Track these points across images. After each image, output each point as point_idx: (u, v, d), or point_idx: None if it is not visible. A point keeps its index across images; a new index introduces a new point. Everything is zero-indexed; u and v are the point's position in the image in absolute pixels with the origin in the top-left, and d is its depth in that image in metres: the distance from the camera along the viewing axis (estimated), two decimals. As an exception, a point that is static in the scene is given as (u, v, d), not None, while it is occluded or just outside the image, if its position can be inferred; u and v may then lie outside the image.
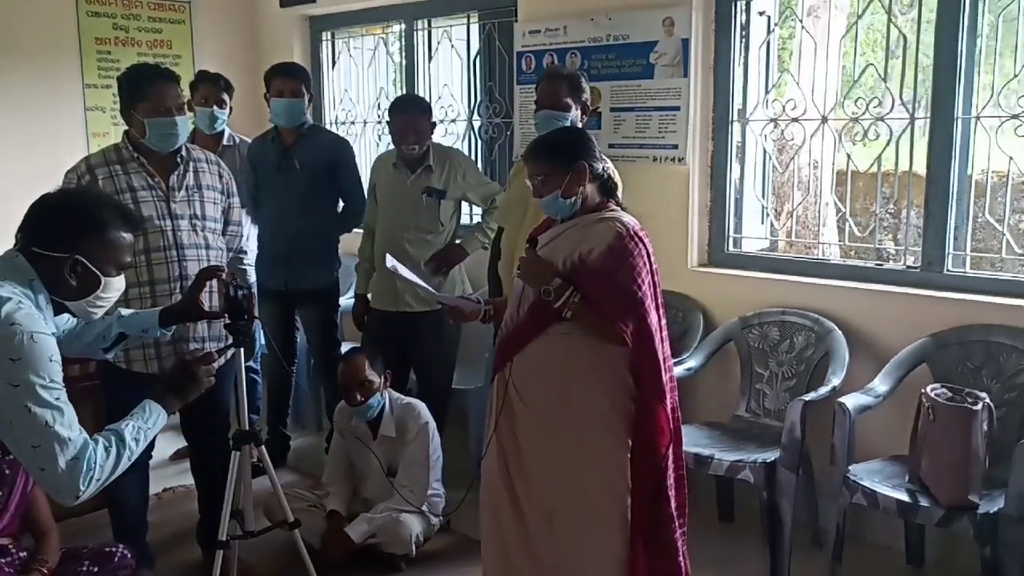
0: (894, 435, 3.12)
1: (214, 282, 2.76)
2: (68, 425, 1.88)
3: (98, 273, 2.05)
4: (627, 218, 2.50)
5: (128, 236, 2.11)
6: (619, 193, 2.61)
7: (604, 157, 2.56)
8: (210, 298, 2.78)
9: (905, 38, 3.40)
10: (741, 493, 3.58)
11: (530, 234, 2.64)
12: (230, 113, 4.20)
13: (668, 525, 2.48)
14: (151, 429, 2.07)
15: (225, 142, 4.19)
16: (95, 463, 1.90)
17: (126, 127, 3.00)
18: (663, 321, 2.53)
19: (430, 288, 2.89)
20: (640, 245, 2.44)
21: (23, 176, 4.46)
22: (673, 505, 2.49)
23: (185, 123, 2.98)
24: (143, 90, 2.90)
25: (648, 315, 2.41)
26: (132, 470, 2.07)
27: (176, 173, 3.00)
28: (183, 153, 3.03)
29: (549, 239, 2.53)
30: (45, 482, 1.91)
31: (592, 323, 2.42)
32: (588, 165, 2.47)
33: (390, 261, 2.89)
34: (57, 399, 1.88)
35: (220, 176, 3.15)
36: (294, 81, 3.96)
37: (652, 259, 2.48)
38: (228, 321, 2.59)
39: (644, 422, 2.44)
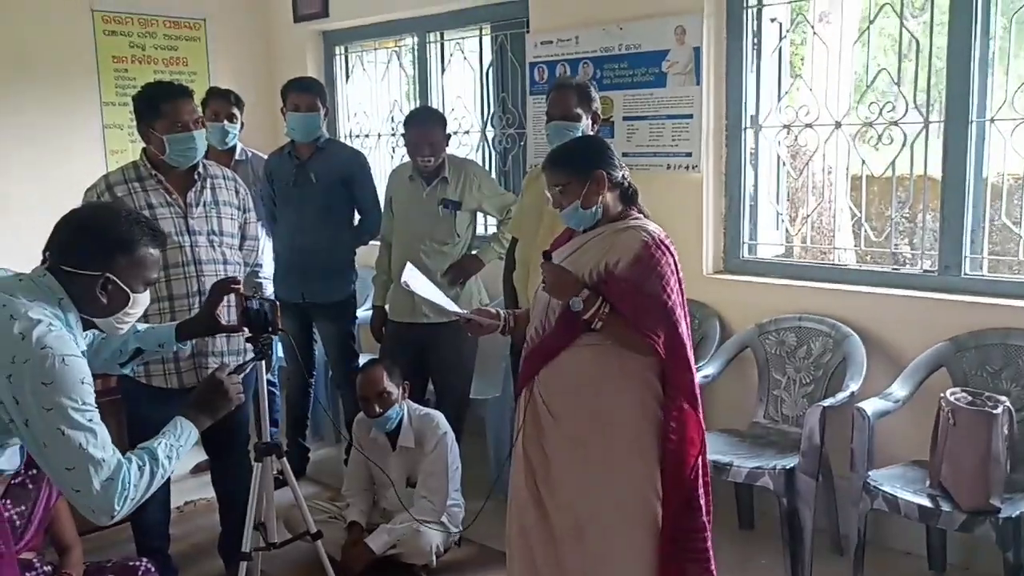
0: (914, 440, 3.11)
1: (231, 296, 2.77)
2: (101, 446, 1.88)
3: (127, 290, 2.04)
4: (652, 226, 2.47)
5: (156, 252, 2.11)
6: (640, 200, 2.57)
7: (623, 164, 2.53)
8: (228, 312, 2.79)
9: (918, 42, 3.39)
10: (761, 500, 3.57)
11: (551, 245, 2.61)
12: (241, 128, 4.24)
13: (700, 534, 2.46)
14: (183, 447, 2.07)
15: (238, 157, 4.22)
16: (129, 483, 1.90)
17: (144, 145, 3.05)
18: (690, 331, 2.50)
19: (443, 304, 2.85)
20: (667, 253, 2.41)
21: (42, 193, 4.55)
22: (704, 513, 2.48)
23: (202, 137, 3.03)
24: (159, 107, 2.94)
25: (679, 324, 2.39)
26: None
27: (193, 190, 3.04)
28: (200, 170, 3.07)
29: (572, 250, 2.50)
30: (80, 503, 1.89)
31: (622, 334, 2.39)
32: (607, 173, 2.45)
33: (405, 275, 2.87)
34: (90, 420, 1.88)
35: (237, 192, 3.19)
36: (310, 95, 3.99)
37: (678, 267, 2.45)
38: (249, 334, 2.61)
39: (675, 432, 2.42)
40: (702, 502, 2.48)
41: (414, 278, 2.88)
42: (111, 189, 2.98)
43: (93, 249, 2.01)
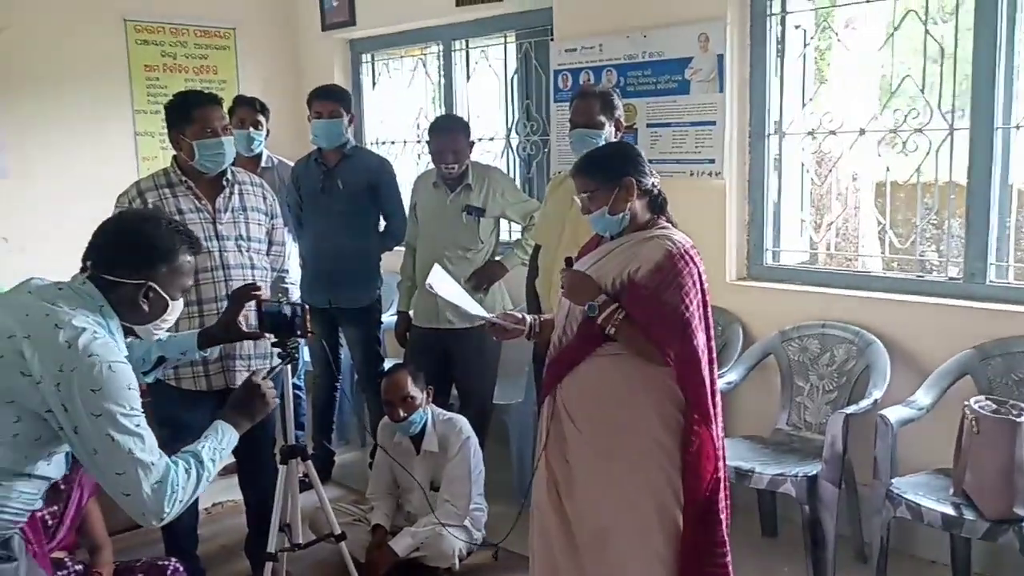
0: (938, 448, 3.08)
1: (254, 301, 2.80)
2: (149, 450, 1.92)
3: (167, 297, 2.09)
4: (678, 236, 2.44)
5: (192, 259, 2.16)
6: (669, 209, 2.55)
7: (654, 172, 2.52)
8: (254, 317, 2.83)
9: (943, 48, 3.38)
10: (783, 507, 3.56)
11: (579, 251, 2.62)
12: (267, 135, 4.31)
13: (720, 548, 2.45)
14: (225, 449, 2.12)
15: (264, 164, 4.30)
16: (178, 485, 1.94)
17: (175, 152, 3.11)
18: (712, 343, 2.47)
19: (468, 308, 2.85)
20: (690, 264, 2.38)
21: (76, 199, 4.64)
22: (723, 527, 2.47)
23: (231, 144, 3.09)
24: (190, 114, 3.02)
25: (695, 337, 2.35)
26: None
27: (222, 196, 3.11)
28: (229, 176, 3.13)
29: (597, 257, 2.50)
30: (131, 507, 1.93)
31: (637, 343, 2.38)
32: (636, 180, 2.43)
33: (431, 278, 2.86)
34: (137, 426, 1.91)
35: (264, 198, 3.25)
36: (332, 102, 4.05)
37: (703, 278, 2.42)
38: (275, 339, 2.65)
39: (691, 446, 2.41)
40: (722, 516, 2.46)
41: (440, 280, 2.87)
42: (142, 195, 3.05)
43: (137, 258, 2.05)
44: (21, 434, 1.88)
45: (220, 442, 2.11)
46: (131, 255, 2.05)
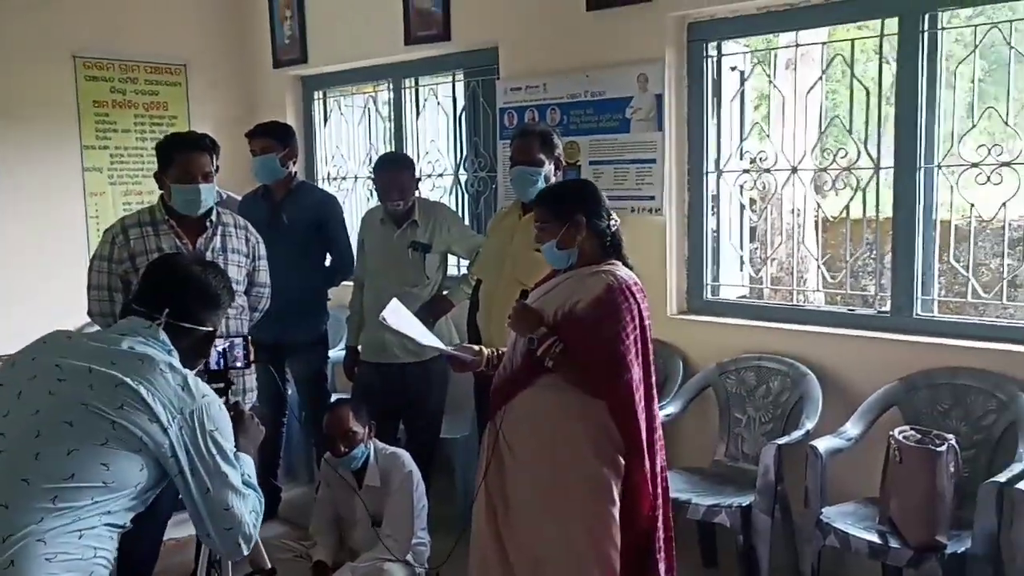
0: (867, 477, 3.17)
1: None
2: (242, 484, 2.01)
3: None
4: (622, 272, 2.52)
5: None
6: (624, 250, 2.62)
7: (612, 215, 2.59)
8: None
9: (868, 91, 3.51)
10: (722, 537, 3.61)
11: (535, 284, 2.68)
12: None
13: None
14: (253, 477, 2.21)
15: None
16: (257, 512, 2.04)
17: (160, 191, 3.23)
18: (653, 379, 2.53)
19: (424, 340, 2.87)
20: (630, 299, 2.45)
21: (24, 234, 4.63)
22: (663, 568, 2.51)
23: (210, 191, 3.20)
24: (172, 156, 3.15)
25: (629, 371, 2.42)
26: (150, 522, 2.11)
27: (204, 236, 3.21)
28: (213, 218, 3.20)
29: (546, 290, 2.57)
30: (229, 539, 1.98)
31: (573, 375, 2.44)
32: (587, 220, 2.52)
33: (387, 311, 2.85)
34: (236, 461, 2.01)
35: (247, 240, 3.34)
36: (262, 139, 4.13)
37: (645, 315, 2.49)
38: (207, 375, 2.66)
39: (624, 480, 2.47)
40: (659, 556, 2.50)
41: (395, 314, 2.86)
42: (125, 231, 3.16)
43: (207, 307, 2.17)
44: (142, 483, 1.91)
45: (252, 470, 2.18)
46: (204, 304, 2.16)
